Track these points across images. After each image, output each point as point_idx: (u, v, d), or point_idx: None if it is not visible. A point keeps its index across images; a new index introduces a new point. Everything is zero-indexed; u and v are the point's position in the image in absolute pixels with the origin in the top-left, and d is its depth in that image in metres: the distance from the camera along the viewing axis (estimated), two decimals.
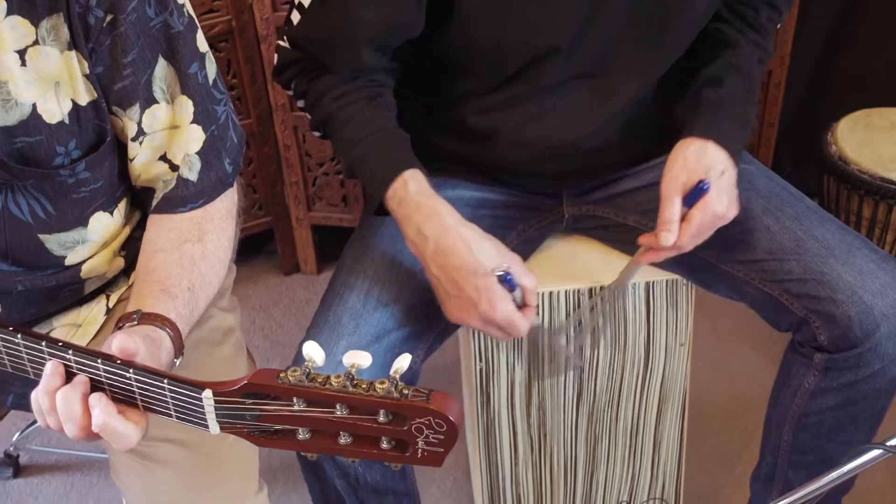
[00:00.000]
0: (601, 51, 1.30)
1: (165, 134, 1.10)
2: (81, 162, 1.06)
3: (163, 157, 1.11)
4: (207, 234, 1.13)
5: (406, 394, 0.79)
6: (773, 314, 1.36)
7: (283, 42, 1.32)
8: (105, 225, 1.15)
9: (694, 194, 1.25)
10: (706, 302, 1.51)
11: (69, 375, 0.91)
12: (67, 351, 0.89)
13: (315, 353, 0.82)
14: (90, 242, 1.15)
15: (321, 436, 0.84)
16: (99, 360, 0.88)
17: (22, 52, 1.00)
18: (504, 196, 1.46)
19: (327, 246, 2.48)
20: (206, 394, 0.85)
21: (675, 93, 1.42)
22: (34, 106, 1.01)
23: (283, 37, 1.32)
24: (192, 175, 1.12)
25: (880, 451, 0.97)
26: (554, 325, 1.45)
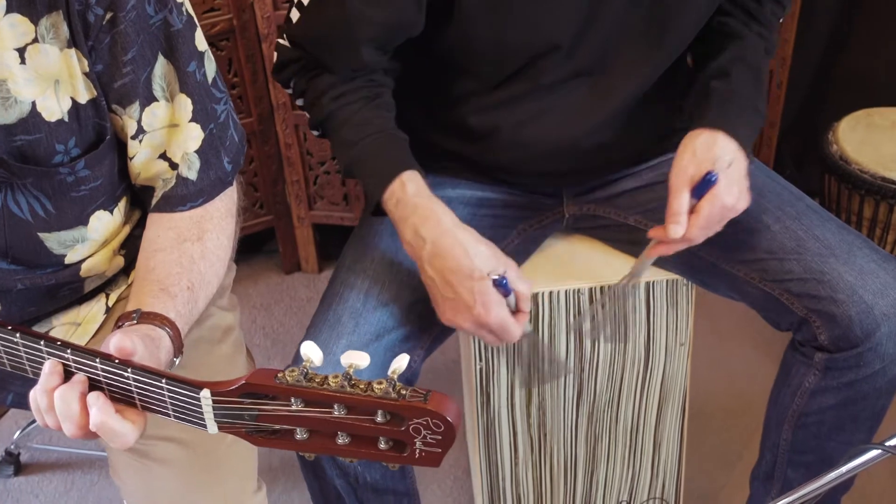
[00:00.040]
0: (601, 49, 1.29)
1: (165, 132, 1.10)
2: (81, 160, 1.06)
3: (162, 156, 1.11)
4: (207, 233, 1.13)
5: (404, 394, 0.79)
6: (774, 314, 1.36)
7: (283, 40, 1.32)
8: (105, 223, 1.15)
9: (702, 186, 1.23)
10: (707, 302, 1.51)
11: (67, 374, 0.91)
12: (66, 350, 0.90)
13: (313, 353, 0.82)
14: (90, 241, 1.15)
15: (319, 436, 0.84)
16: (97, 360, 0.88)
17: (21, 50, 0.99)
18: (504, 195, 1.46)
19: (328, 245, 2.48)
20: (204, 393, 0.85)
21: (675, 92, 1.42)
22: (34, 104, 1.01)
23: (283, 35, 1.32)
24: (191, 174, 1.12)
25: (879, 451, 0.97)
26: (554, 326, 1.45)
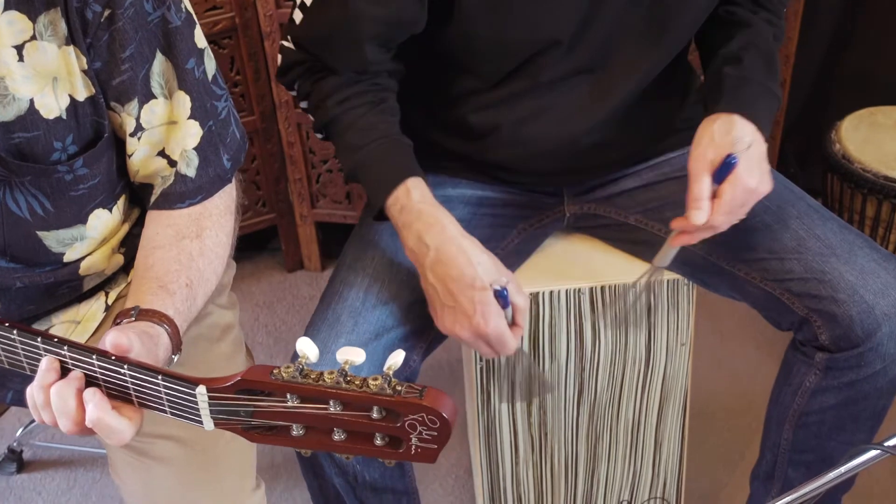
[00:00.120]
0: (601, 47, 1.29)
1: (163, 129, 1.09)
2: (79, 158, 1.06)
3: (161, 153, 1.11)
4: (206, 231, 1.13)
5: (399, 390, 0.79)
6: (775, 313, 1.36)
7: (287, 42, 1.32)
8: (104, 222, 1.15)
9: (723, 170, 1.21)
10: (708, 301, 1.51)
11: (64, 371, 0.91)
12: (63, 347, 0.90)
13: (308, 349, 0.82)
14: (89, 239, 1.15)
15: (315, 432, 0.84)
16: (94, 356, 0.88)
17: (20, 48, 0.99)
18: (505, 195, 1.46)
19: (331, 243, 2.48)
20: (200, 389, 0.85)
21: (675, 91, 1.42)
22: (31, 101, 1.01)
23: (287, 36, 1.32)
24: (189, 171, 1.12)
25: (879, 451, 0.97)
26: (554, 326, 1.44)
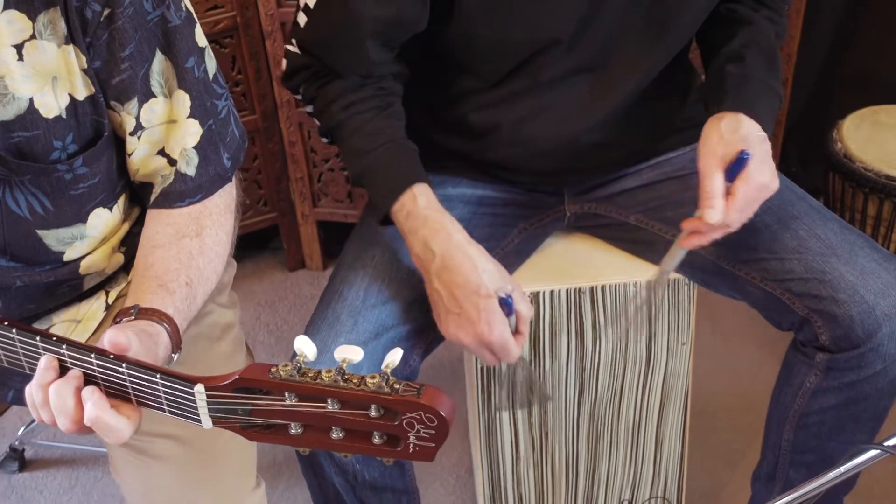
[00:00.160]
0: (601, 46, 1.29)
1: (163, 128, 1.10)
2: (79, 157, 1.06)
3: (161, 152, 1.11)
4: (205, 229, 1.13)
5: (397, 388, 0.79)
6: (775, 313, 1.35)
7: (292, 46, 1.32)
8: (104, 221, 1.15)
9: (735, 167, 1.21)
10: (710, 300, 1.51)
11: (63, 370, 0.91)
12: (61, 345, 0.90)
13: (306, 347, 0.82)
14: (89, 238, 1.15)
15: (313, 430, 0.84)
16: (92, 355, 0.88)
17: (19, 47, 1.00)
18: (505, 194, 1.46)
19: (333, 242, 2.48)
20: (198, 388, 0.85)
21: (676, 90, 1.41)
22: (31, 100, 1.01)
23: (292, 40, 1.31)
24: (189, 170, 1.12)
25: (878, 451, 0.97)
26: (555, 325, 1.44)
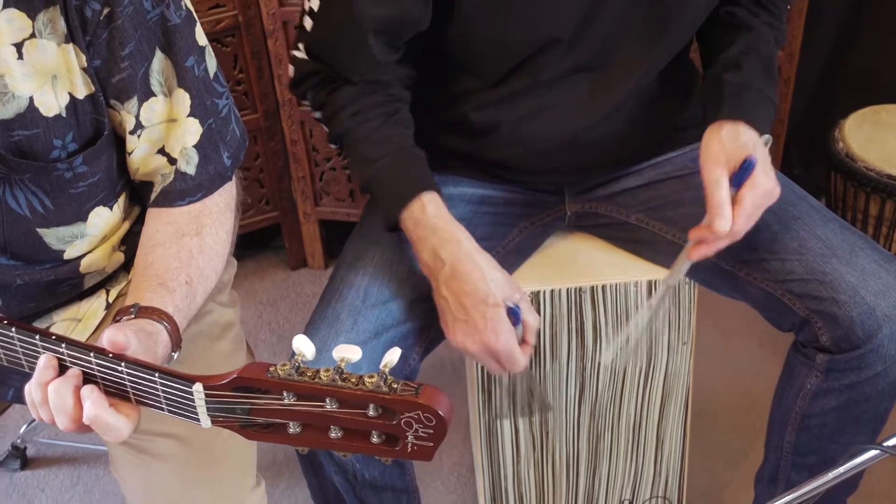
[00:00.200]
0: (601, 45, 1.29)
1: (163, 127, 1.10)
2: (79, 156, 1.06)
3: (161, 151, 1.11)
4: (205, 228, 1.13)
5: (395, 388, 0.79)
6: (776, 314, 1.35)
7: (299, 52, 1.31)
8: (105, 219, 1.15)
9: (740, 174, 1.21)
10: (713, 299, 1.51)
11: (62, 368, 0.91)
12: (60, 344, 0.90)
13: (305, 346, 0.82)
14: (89, 237, 1.15)
15: (312, 429, 0.84)
16: (91, 354, 0.88)
17: (19, 45, 1.00)
18: (506, 193, 1.45)
19: (334, 241, 2.48)
20: (197, 387, 0.85)
21: (676, 89, 1.41)
22: (31, 99, 1.02)
23: (298, 45, 1.31)
24: (189, 169, 1.12)
25: (877, 451, 0.97)
26: (556, 324, 1.44)
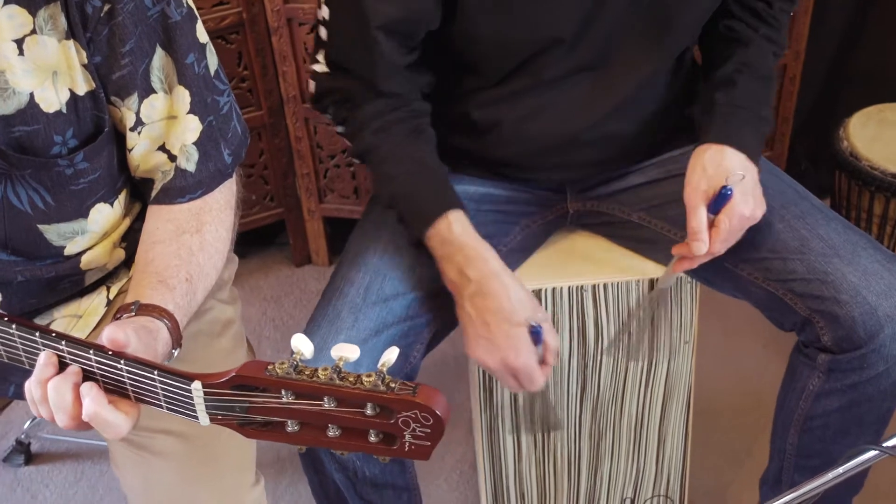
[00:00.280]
0: (603, 45, 1.29)
1: (164, 124, 1.10)
2: (79, 152, 1.07)
3: (161, 148, 1.11)
4: (206, 225, 1.13)
5: (393, 387, 0.79)
6: (777, 314, 1.35)
7: (319, 66, 1.31)
8: (105, 216, 1.16)
9: (718, 201, 1.26)
10: (716, 298, 1.51)
11: (62, 366, 0.91)
12: (60, 341, 0.90)
13: (303, 345, 0.82)
14: (90, 233, 1.15)
15: (310, 428, 0.84)
16: (91, 351, 0.89)
17: (20, 42, 1.00)
18: (508, 191, 1.45)
19: (339, 238, 2.48)
20: (196, 385, 0.85)
21: (678, 88, 1.41)
22: (32, 95, 1.02)
23: (317, 57, 1.31)
24: (189, 166, 1.12)
25: (877, 451, 0.96)
26: (557, 323, 1.44)
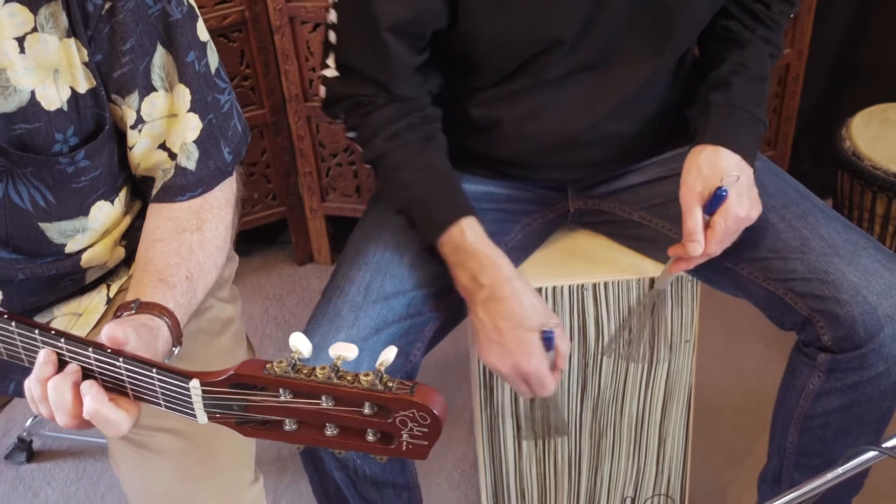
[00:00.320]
0: (605, 44, 1.29)
1: (164, 122, 1.10)
2: (80, 150, 1.07)
3: (162, 146, 1.12)
4: (206, 223, 1.13)
5: (390, 386, 0.79)
6: (778, 313, 1.35)
7: (329, 71, 1.31)
8: (106, 213, 1.16)
9: (713, 202, 1.26)
10: (718, 298, 1.51)
11: (62, 364, 0.91)
12: (59, 339, 0.90)
13: (301, 344, 0.82)
14: (91, 231, 1.15)
15: (308, 427, 0.84)
16: (90, 349, 0.89)
17: (21, 40, 1.00)
18: (509, 190, 1.46)
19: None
20: (194, 383, 0.85)
21: (679, 87, 1.41)
22: (33, 93, 1.02)
23: (326, 62, 1.31)
24: (189, 164, 1.12)
25: (875, 452, 0.96)
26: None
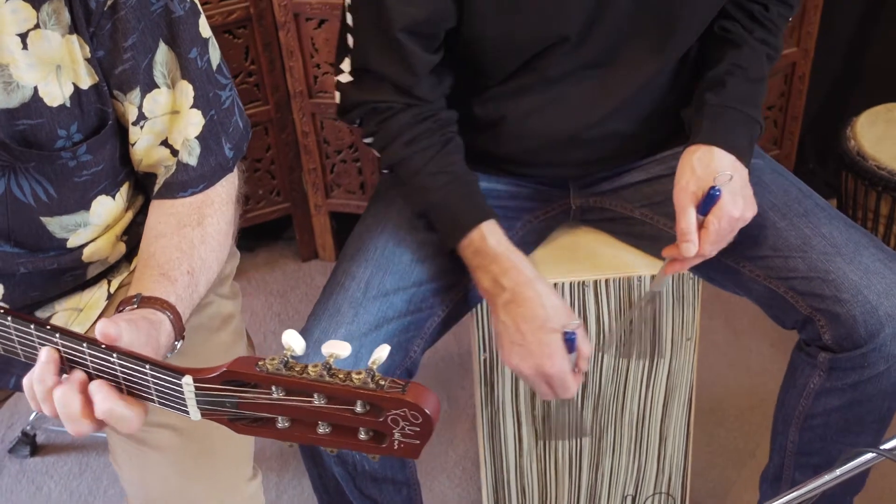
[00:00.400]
0: (609, 42, 1.29)
1: (166, 119, 1.10)
2: (83, 145, 1.07)
3: (164, 143, 1.12)
4: (207, 219, 1.14)
5: (382, 385, 0.78)
6: (779, 311, 1.35)
7: (344, 76, 1.31)
8: (108, 208, 1.16)
9: (707, 202, 1.26)
10: (723, 297, 1.50)
11: (61, 361, 0.91)
12: (55, 334, 0.90)
13: (294, 341, 0.82)
14: (92, 226, 1.16)
15: (300, 424, 0.84)
16: (84, 345, 0.89)
17: (23, 36, 1.00)
18: (511, 187, 1.45)
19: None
20: (186, 380, 0.85)
21: (682, 85, 1.40)
22: (35, 89, 1.02)
23: (340, 67, 1.32)
24: (191, 160, 1.12)
25: (874, 454, 0.96)
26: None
